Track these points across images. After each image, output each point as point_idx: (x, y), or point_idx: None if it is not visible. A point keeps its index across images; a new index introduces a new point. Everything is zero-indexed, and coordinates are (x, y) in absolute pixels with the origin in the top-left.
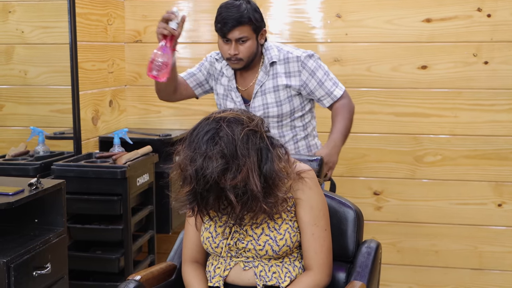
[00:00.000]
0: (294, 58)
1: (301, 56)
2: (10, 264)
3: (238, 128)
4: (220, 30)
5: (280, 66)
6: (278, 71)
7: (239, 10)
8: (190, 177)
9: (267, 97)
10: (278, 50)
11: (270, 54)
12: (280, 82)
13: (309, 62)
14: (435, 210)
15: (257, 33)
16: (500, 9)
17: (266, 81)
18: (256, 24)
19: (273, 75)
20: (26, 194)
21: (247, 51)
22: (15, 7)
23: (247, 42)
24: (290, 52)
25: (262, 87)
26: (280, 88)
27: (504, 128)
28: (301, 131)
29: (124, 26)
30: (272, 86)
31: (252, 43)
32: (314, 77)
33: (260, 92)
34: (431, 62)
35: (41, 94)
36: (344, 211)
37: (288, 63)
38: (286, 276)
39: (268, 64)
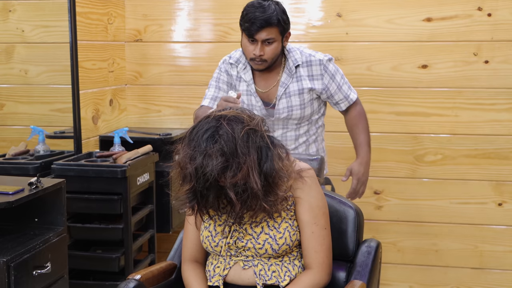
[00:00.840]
0: (316, 62)
1: (323, 59)
2: (10, 264)
3: (238, 127)
4: (247, 29)
5: (303, 69)
6: (302, 74)
7: (269, 11)
8: (190, 175)
9: (292, 99)
10: (300, 52)
11: (294, 56)
12: (305, 86)
13: (330, 66)
14: (436, 210)
15: (283, 35)
16: (500, 8)
17: (291, 83)
18: (284, 26)
19: (298, 77)
20: (26, 193)
21: (272, 53)
22: (16, 6)
23: (273, 43)
24: (312, 55)
25: (287, 89)
26: (305, 91)
27: (505, 128)
28: (314, 134)
29: (125, 25)
30: (297, 89)
31: (277, 45)
32: (334, 80)
33: (285, 95)
34: (432, 61)
35: (41, 93)
36: (344, 210)
37: (311, 66)
38: (285, 275)
39: (294, 67)
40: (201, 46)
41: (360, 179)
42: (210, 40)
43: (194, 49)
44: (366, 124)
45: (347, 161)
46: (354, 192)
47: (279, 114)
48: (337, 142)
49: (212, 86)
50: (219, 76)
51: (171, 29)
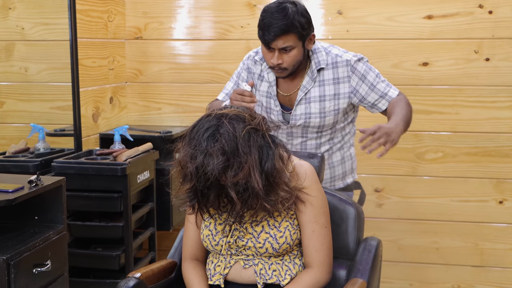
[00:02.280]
0: (343, 63)
1: (351, 60)
2: (10, 262)
3: (239, 126)
4: (262, 38)
5: (328, 72)
6: (326, 78)
7: (284, 16)
8: (190, 174)
9: (311, 106)
10: (326, 53)
11: (317, 58)
12: (328, 92)
13: (359, 66)
14: (436, 207)
15: (304, 40)
16: (501, 6)
17: (312, 88)
18: (302, 31)
19: (320, 82)
20: (26, 191)
21: (291, 60)
22: (15, 4)
23: (292, 51)
24: (339, 55)
25: (307, 94)
26: (326, 99)
27: (505, 125)
28: (339, 142)
29: (125, 22)
30: (318, 95)
31: (297, 52)
32: (365, 81)
33: (305, 100)
34: (432, 59)
35: (41, 91)
36: (344, 208)
37: (336, 68)
38: (286, 274)
39: (316, 70)
40: (201, 44)
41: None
42: (210, 38)
43: (195, 47)
44: (407, 107)
45: None
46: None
47: (295, 120)
48: None
49: (232, 80)
50: (240, 72)
51: (171, 27)
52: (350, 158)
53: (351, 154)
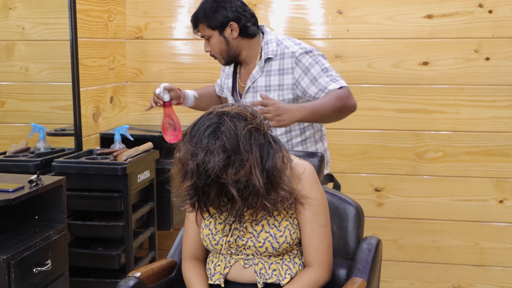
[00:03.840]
0: (289, 54)
1: (296, 52)
2: (10, 261)
3: (241, 124)
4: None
5: (275, 63)
6: (272, 68)
7: (200, 7)
8: (191, 172)
9: (257, 95)
10: (277, 44)
11: (268, 49)
12: (273, 82)
13: (304, 58)
14: (436, 207)
15: (219, 29)
16: (501, 5)
17: (260, 77)
18: (210, 23)
19: (267, 72)
20: (26, 191)
21: (215, 47)
22: (16, 4)
23: (211, 40)
24: (287, 47)
25: (255, 83)
26: (272, 89)
27: (506, 125)
28: (298, 136)
29: (125, 22)
30: (264, 85)
31: (216, 40)
32: (308, 74)
33: (252, 89)
34: (433, 58)
35: (42, 90)
36: (344, 207)
37: (283, 59)
38: (286, 273)
39: (264, 60)
40: (201, 44)
41: (277, 105)
42: None
43: (195, 47)
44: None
45: (348, 157)
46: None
47: None
48: (337, 139)
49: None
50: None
51: (172, 26)
52: (325, 152)
53: (318, 150)
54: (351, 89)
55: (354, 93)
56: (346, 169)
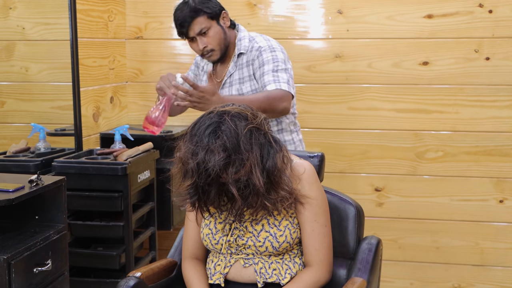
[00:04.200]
0: (256, 48)
1: (263, 47)
2: (10, 261)
3: (242, 123)
4: (181, 33)
5: (245, 56)
6: (244, 62)
7: (189, 6)
8: (191, 171)
9: (232, 88)
10: (249, 40)
11: (241, 45)
12: (245, 74)
13: (266, 54)
14: (437, 207)
15: (216, 18)
16: (501, 5)
17: (234, 72)
18: (209, 12)
19: (239, 65)
20: (26, 191)
21: (213, 40)
22: (16, 4)
23: (209, 31)
24: (257, 42)
25: (231, 77)
26: (245, 80)
27: (506, 124)
28: (275, 125)
29: (125, 22)
30: (238, 78)
31: (215, 30)
32: (261, 68)
33: (228, 83)
34: (433, 58)
35: (42, 90)
36: (344, 207)
37: (251, 52)
38: (286, 273)
39: (237, 55)
40: None
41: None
42: None
43: None
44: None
45: (348, 157)
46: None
47: None
48: (337, 139)
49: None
50: (191, 67)
51: (172, 26)
52: (293, 142)
53: (293, 139)
54: (351, 89)
55: (354, 93)
56: (346, 169)
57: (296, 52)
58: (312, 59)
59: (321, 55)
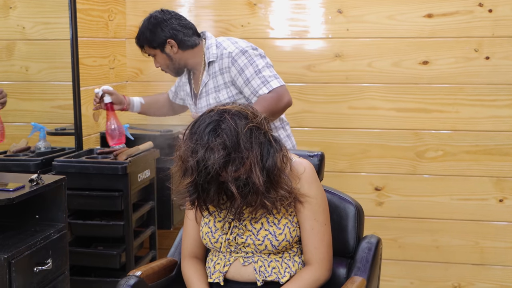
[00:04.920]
0: (226, 54)
1: (233, 52)
2: (11, 260)
3: (242, 122)
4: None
5: (216, 64)
6: (216, 70)
7: (140, 31)
8: (191, 169)
9: (209, 97)
10: (216, 47)
11: (209, 53)
12: (219, 82)
13: (240, 59)
14: (436, 206)
15: (160, 47)
16: (501, 4)
17: (209, 81)
18: (150, 44)
19: (212, 74)
20: (26, 190)
21: (162, 63)
22: (16, 3)
23: (156, 57)
24: (225, 47)
25: (206, 87)
26: (220, 88)
27: (506, 124)
28: None
29: (125, 21)
30: (213, 86)
31: (161, 57)
32: (242, 75)
33: (205, 93)
34: (432, 57)
35: (42, 90)
36: (344, 206)
37: (222, 59)
38: (285, 272)
39: (207, 64)
40: None
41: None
42: None
43: None
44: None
45: (348, 156)
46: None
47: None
48: (337, 138)
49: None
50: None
51: None
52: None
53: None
54: (351, 88)
55: (354, 92)
56: (346, 168)
57: (296, 52)
58: (312, 58)
59: (321, 54)
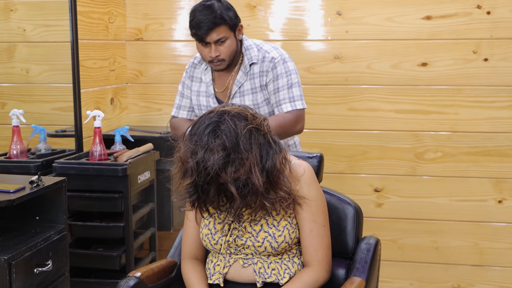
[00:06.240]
0: (269, 58)
1: (276, 58)
2: (11, 261)
3: (241, 123)
4: (196, 35)
5: (257, 66)
6: (255, 71)
7: (212, 11)
8: (191, 170)
9: (245, 99)
10: (258, 49)
11: (250, 54)
12: (257, 84)
13: (280, 67)
14: (436, 207)
15: (234, 30)
16: (499, 6)
17: (245, 82)
18: (231, 22)
19: (251, 75)
20: (27, 192)
21: (227, 51)
22: (17, 6)
23: (226, 41)
24: (267, 51)
25: (241, 88)
26: (257, 90)
27: (504, 125)
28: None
29: (125, 24)
30: (250, 88)
31: (231, 42)
32: (275, 82)
33: (239, 93)
34: (431, 59)
35: (42, 92)
36: (343, 207)
37: (263, 62)
38: (285, 273)
39: (248, 65)
40: None
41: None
42: None
43: (195, 48)
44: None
45: (347, 158)
46: None
47: None
48: (336, 140)
49: (178, 93)
50: (184, 80)
51: (172, 28)
52: (295, 146)
53: (295, 143)
54: (351, 90)
55: (353, 94)
56: (346, 170)
57: (296, 54)
58: (311, 60)
59: (321, 56)
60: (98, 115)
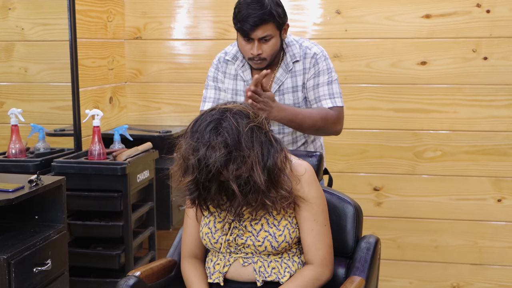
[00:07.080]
0: (311, 54)
1: (318, 54)
2: (10, 261)
3: (243, 121)
4: (241, 29)
5: (299, 63)
6: (297, 69)
7: (262, 6)
8: (192, 167)
9: (285, 97)
10: (299, 46)
11: (292, 51)
12: (299, 82)
13: (322, 63)
14: (435, 206)
15: (280, 29)
16: (499, 5)
17: (285, 80)
18: (279, 20)
19: (292, 73)
20: (26, 191)
21: (270, 50)
22: (15, 4)
23: (271, 40)
24: (308, 47)
25: (281, 86)
26: (299, 89)
27: (504, 124)
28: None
29: (124, 23)
30: (291, 86)
31: (276, 41)
32: (315, 78)
33: (278, 92)
34: (431, 58)
35: (41, 91)
36: (343, 206)
37: (305, 59)
38: (285, 271)
39: (291, 63)
40: (200, 44)
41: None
42: (209, 38)
43: (194, 47)
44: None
45: (347, 157)
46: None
47: None
48: (335, 138)
49: (210, 87)
50: (215, 75)
51: (171, 27)
52: (321, 148)
53: (322, 144)
54: (350, 89)
55: (352, 93)
56: (345, 169)
57: None
58: None
59: None
60: (97, 114)
